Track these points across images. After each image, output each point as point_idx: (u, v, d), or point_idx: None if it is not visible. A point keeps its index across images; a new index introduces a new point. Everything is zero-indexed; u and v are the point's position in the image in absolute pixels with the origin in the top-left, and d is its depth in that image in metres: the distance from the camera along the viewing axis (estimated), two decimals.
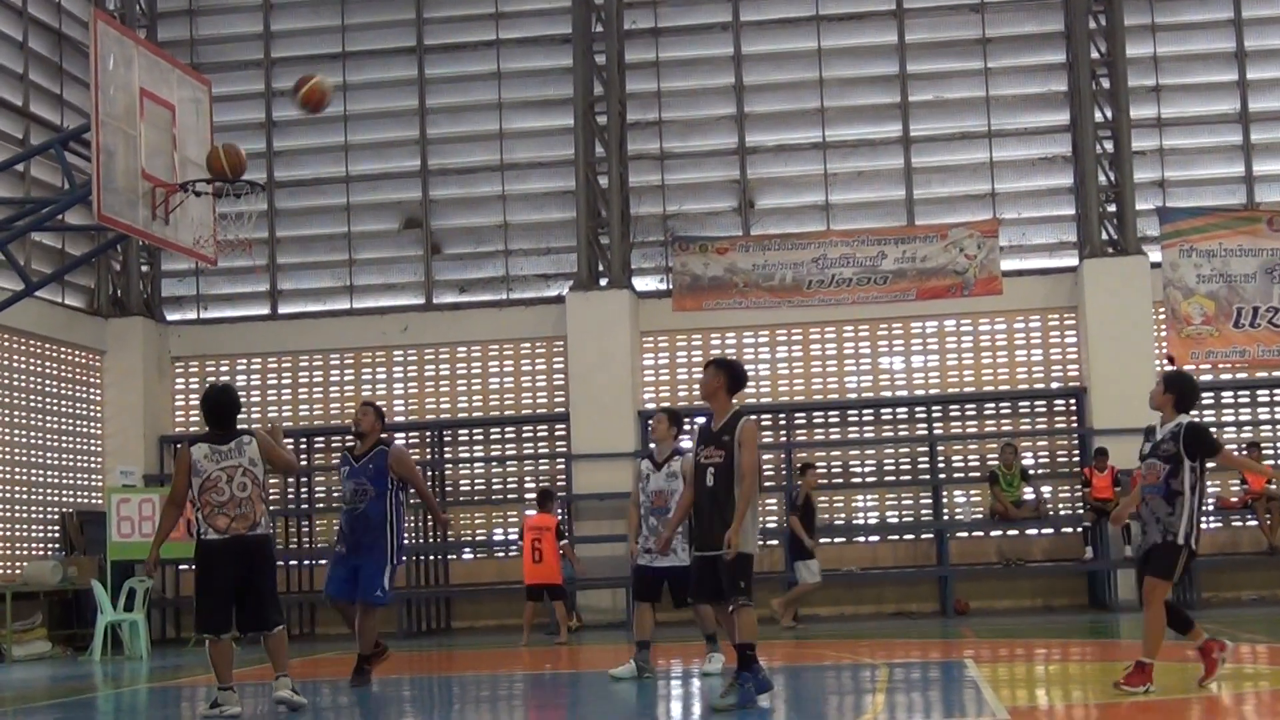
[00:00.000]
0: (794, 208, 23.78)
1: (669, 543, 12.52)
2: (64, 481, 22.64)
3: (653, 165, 23.91)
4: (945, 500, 22.65)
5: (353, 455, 13.35)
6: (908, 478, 23.04)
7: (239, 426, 11.65)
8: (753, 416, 11.11)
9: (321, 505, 23.47)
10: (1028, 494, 21.77)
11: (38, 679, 16.80)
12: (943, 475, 22.76)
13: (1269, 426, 22.71)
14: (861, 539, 22.94)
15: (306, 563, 23.13)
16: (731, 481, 10.57)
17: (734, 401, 10.95)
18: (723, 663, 12.82)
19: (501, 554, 23.45)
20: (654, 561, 13.24)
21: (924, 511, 22.81)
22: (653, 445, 13.98)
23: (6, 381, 21.53)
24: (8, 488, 21.45)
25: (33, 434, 22.01)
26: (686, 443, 13.09)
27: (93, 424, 23.37)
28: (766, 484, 23.06)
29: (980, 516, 22.36)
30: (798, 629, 19.37)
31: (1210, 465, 11.40)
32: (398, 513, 13.22)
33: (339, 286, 24.39)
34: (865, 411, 23.24)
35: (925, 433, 22.95)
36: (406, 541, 15.86)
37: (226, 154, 15.64)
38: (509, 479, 23.71)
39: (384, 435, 13.51)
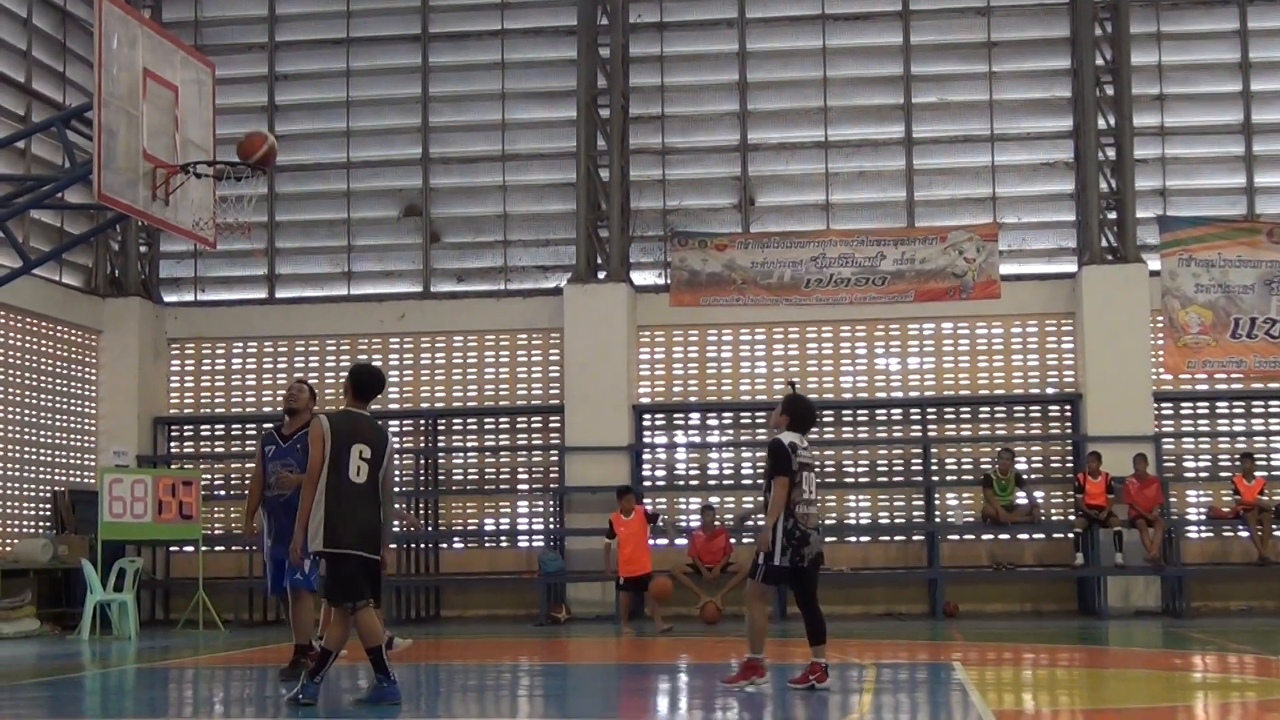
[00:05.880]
0: (794, 206, 23.77)
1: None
2: (57, 460, 22.61)
3: (654, 160, 23.90)
4: (937, 502, 22.65)
5: (279, 435, 12.79)
6: (900, 479, 23.05)
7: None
8: (322, 415, 10.91)
9: None
10: (1020, 498, 21.78)
11: (25, 656, 16.80)
12: (935, 477, 22.76)
13: (1263, 438, 22.72)
14: (853, 539, 22.94)
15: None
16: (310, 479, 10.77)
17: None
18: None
19: (492, 544, 23.48)
20: None
21: (916, 513, 22.81)
22: None
23: (1, 359, 21.50)
24: (0, 464, 21.42)
25: (26, 412, 21.98)
26: None
27: (87, 403, 23.34)
28: (759, 481, 23.05)
29: (972, 520, 22.37)
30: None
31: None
32: None
33: (337, 272, 24.37)
34: (860, 412, 23.24)
35: (919, 434, 22.96)
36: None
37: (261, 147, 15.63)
38: (502, 469, 23.71)
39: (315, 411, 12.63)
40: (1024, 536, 22.44)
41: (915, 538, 22.66)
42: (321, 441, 10.60)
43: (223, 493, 23.60)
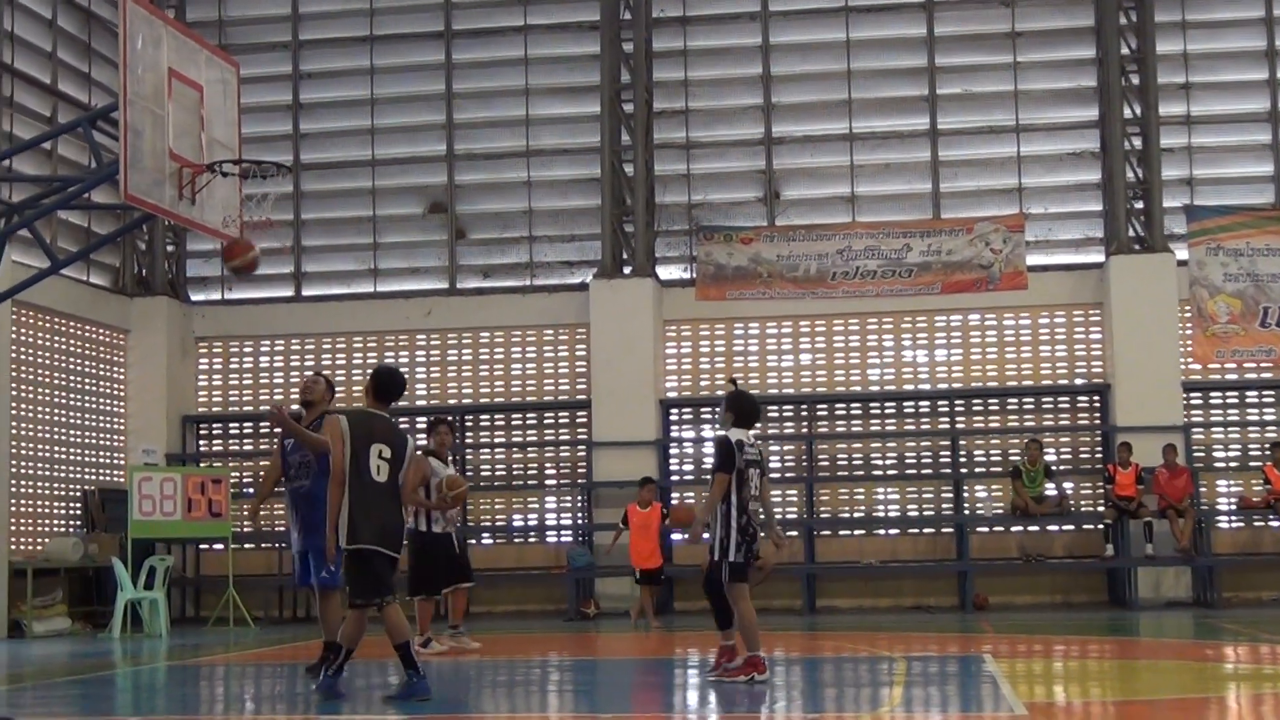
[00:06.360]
0: (820, 199, 23.73)
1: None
2: (86, 459, 22.70)
3: (678, 154, 23.89)
4: (966, 495, 22.60)
5: None
6: (929, 471, 22.99)
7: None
8: (340, 415, 11.15)
9: None
10: (1049, 490, 21.71)
11: (57, 655, 16.88)
12: (964, 469, 22.71)
13: None
14: (881, 532, 22.92)
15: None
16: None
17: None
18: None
19: (520, 539, 23.50)
20: None
21: (944, 505, 22.76)
22: None
23: (31, 359, 21.60)
24: (31, 464, 21.52)
25: (56, 411, 22.08)
26: None
27: (116, 402, 23.43)
28: (787, 475, 23.05)
29: (1001, 511, 22.31)
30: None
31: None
32: None
33: (363, 270, 24.42)
34: (887, 404, 23.19)
35: (947, 426, 22.91)
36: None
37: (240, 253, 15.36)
38: (530, 465, 23.73)
39: (332, 407, 12.89)
40: (1054, 528, 22.39)
41: (944, 530, 22.61)
42: (341, 440, 10.64)
43: (251, 490, 23.61)
